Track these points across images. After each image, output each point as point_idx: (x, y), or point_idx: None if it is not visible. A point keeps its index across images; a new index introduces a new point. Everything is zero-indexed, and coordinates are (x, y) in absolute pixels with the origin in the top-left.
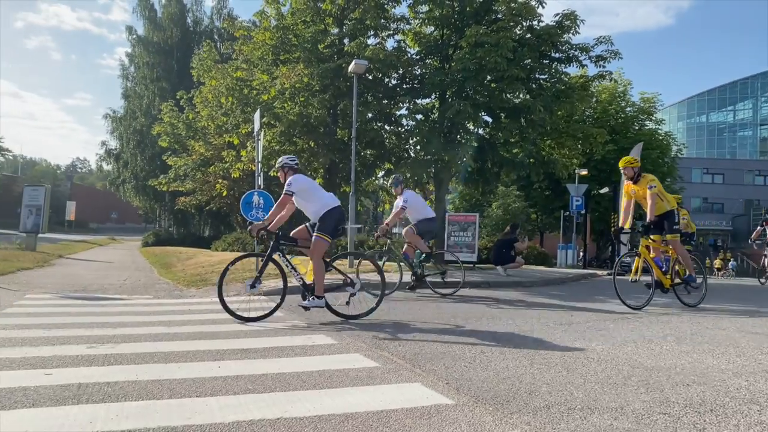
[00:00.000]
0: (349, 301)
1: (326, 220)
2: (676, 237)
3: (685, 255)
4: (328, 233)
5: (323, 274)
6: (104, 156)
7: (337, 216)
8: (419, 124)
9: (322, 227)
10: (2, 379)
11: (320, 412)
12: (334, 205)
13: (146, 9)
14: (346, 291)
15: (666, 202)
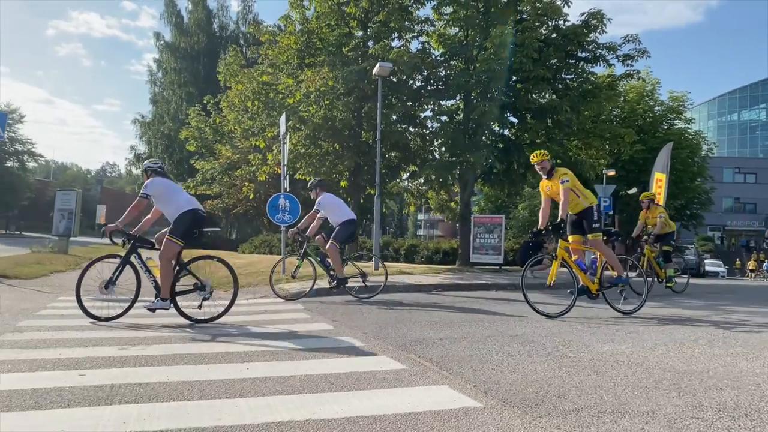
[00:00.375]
0: (201, 304)
1: (178, 224)
2: (597, 236)
3: (610, 256)
4: (178, 236)
5: (170, 277)
6: (133, 160)
7: (189, 219)
8: (444, 125)
9: (173, 230)
10: (38, 379)
11: (348, 413)
12: (187, 209)
13: (173, 15)
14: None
15: (583, 198)
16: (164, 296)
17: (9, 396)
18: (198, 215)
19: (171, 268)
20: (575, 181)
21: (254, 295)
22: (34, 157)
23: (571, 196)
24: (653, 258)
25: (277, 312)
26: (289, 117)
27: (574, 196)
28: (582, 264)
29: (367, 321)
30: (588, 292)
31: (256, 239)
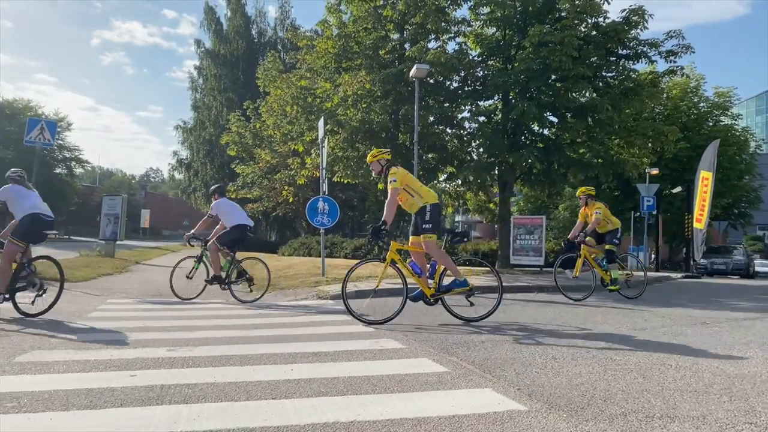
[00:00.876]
0: (34, 300)
1: (20, 226)
2: (430, 238)
3: (443, 259)
4: (18, 237)
5: (8, 275)
6: (176, 165)
7: (28, 222)
8: (482, 126)
9: (13, 232)
10: (92, 379)
11: (392, 416)
12: (27, 213)
13: (213, 22)
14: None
15: (418, 197)
16: (1, 290)
17: (66, 395)
18: (37, 218)
19: (9, 266)
20: (407, 178)
21: (295, 296)
22: (81, 164)
23: (404, 196)
24: (592, 259)
25: (318, 314)
26: (327, 121)
27: (408, 195)
28: (416, 267)
29: (407, 323)
30: (424, 297)
31: (295, 241)
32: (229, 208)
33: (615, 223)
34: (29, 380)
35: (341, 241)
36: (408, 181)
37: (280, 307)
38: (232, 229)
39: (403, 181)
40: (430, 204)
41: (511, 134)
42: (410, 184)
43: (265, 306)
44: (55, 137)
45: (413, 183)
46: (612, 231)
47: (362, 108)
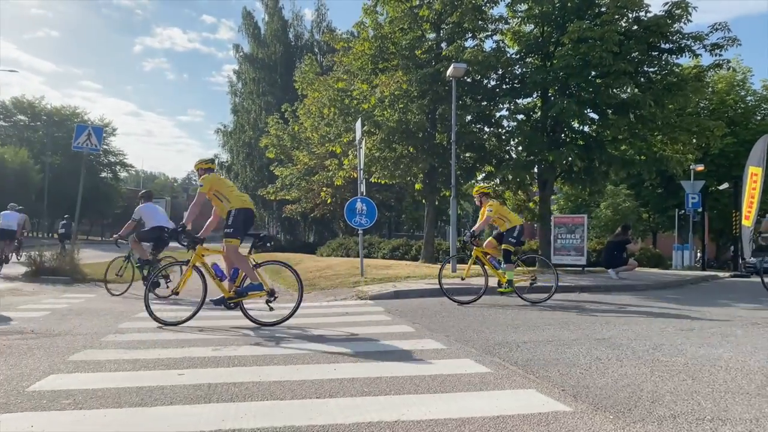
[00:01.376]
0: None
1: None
2: (230, 242)
3: (242, 263)
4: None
5: None
6: (217, 168)
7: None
8: (521, 124)
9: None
10: (142, 378)
11: (436, 416)
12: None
13: (251, 27)
14: None
15: (226, 202)
16: None
17: (117, 393)
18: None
19: None
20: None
21: (334, 297)
22: (125, 168)
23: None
24: (486, 259)
25: (358, 314)
26: (364, 122)
27: (217, 201)
28: (218, 269)
29: (447, 324)
30: (224, 301)
31: (334, 242)
32: (150, 212)
33: (513, 221)
34: (83, 378)
35: (379, 242)
36: (218, 186)
37: (321, 307)
38: (150, 230)
39: (212, 187)
40: (235, 209)
41: (550, 132)
42: (220, 189)
43: (305, 306)
44: (101, 142)
45: (224, 189)
46: (509, 230)
47: (399, 108)
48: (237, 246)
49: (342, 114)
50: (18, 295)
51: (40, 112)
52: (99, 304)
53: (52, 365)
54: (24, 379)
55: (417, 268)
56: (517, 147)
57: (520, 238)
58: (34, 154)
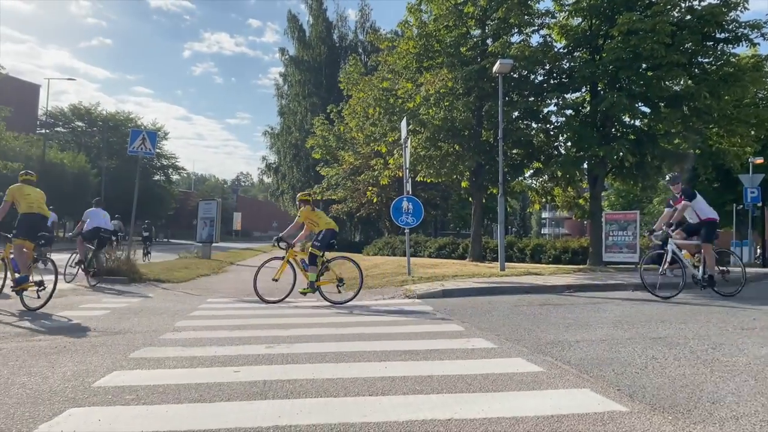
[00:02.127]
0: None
1: None
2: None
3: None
4: None
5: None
6: (264, 170)
7: None
8: (569, 119)
9: None
10: (200, 375)
11: (489, 414)
12: None
13: (296, 30)
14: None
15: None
16: None
17: (177, 389)
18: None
19: None
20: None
21: (382, 296)
22: (177, 170)
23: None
24: (298, 261)
25: (406, 313)
26: (410, 121)
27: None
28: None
29: (497, 323)
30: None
31: (379, 241)
32: (92, 215)
33: (322, 225)
34: (144, 375)
35: (425, 240)
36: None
37: (369, 306)
38: (91, 230)
39: (307, 216)
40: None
41: (600, 127)
42: (311, 218)
43: (353, 305)
44: (155, 146)
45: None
46: (318, 234)
47: (444, 106)
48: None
49: (387, 113)
50: (79, 294)
51: (96, 118)
52: (155, 303)
53: (114, 362)
54: (89, 375)
55: (464, 267)
56: (566, 143)
57: (329, 242)
58: (91, 159)
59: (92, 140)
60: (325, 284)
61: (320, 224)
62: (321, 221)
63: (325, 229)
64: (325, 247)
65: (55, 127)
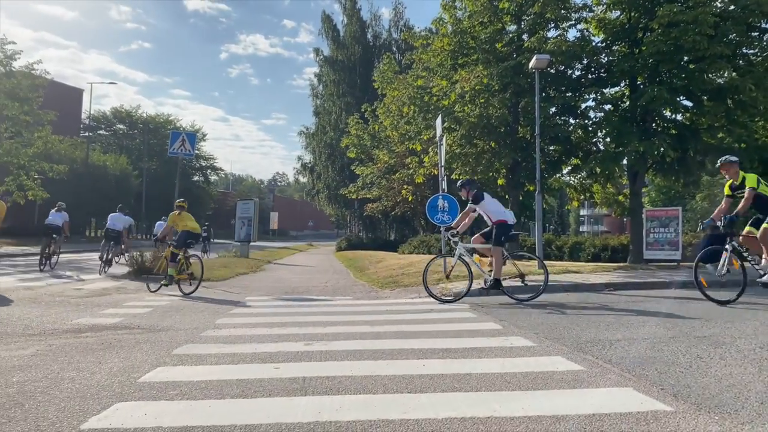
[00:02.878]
0: None
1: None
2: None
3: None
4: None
5: None
6: (300, 169)
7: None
8: (608, 114)
9: None
10: (241, 371)
11: (529, 413)
12: None
13: (330, 30)
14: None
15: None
16: None
17: (220, 385)
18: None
19: None
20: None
21: (418, 294)
22: (215, 171)
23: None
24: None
25: (443, 311)
26: (445, 118)
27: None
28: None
29: (535, 321)
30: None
31: (415, 240)
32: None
33: (183, 227)
34: (187, 371)
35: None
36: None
37: (405, 303)
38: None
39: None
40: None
41: (640, 122)
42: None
43: (390, 303)
44: (194, 148)
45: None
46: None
47: (480, 103)
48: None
49: (422, 111)
50: (123, 292)
51: (136, 120)
52: (196, 302)
53: (158, 358)
54: (134, 371)
55: None
56: (605, 138)
57: (185, 241)
58: (132, 161)
59: (133, 142)
60: (182, 278)
61: (180, 226)
62: (187, 224)
63: (182, 230)
64: (182, 245)
65: (98, 130)
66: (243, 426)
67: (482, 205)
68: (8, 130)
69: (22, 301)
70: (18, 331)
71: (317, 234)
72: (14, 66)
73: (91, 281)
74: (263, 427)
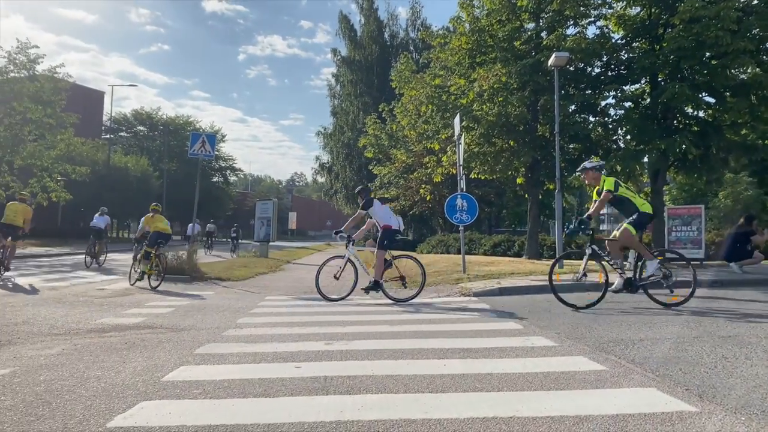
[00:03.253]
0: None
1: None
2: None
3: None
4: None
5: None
6: (318, 169)
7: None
8: (628, 112)
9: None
10: (263, 370)
11: (552, 413)
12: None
13: (347, 30)
14: None
15: None
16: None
17: (242, 384)
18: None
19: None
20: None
21: (438, 293)
22: (234, 172)
23: None
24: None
25: (463, 310)
26: (463, 117)
27: None
28: None
29: (557, 321)
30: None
31: (433, 239)
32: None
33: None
34: (210, 370)
35: (480, 238)
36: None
37: (424, 303)
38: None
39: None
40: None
41: (661, 119)
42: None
43: (409, 302)
44: (214, 149)
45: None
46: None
47: (498, 102)
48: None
49: (440, 110)
50: (145, 292)
51: (157, 122)
52: (217, 301)
53: (180, 358)
54: (158, 370)
55: (521, 265)
56: (625, 136)
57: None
58: (153, 162)
59: (153, 144)
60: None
61: (152, 228)
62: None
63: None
64: (153, 244)
65: (119, 132)
66: (266, 425)
67: (371, 211)
68: (32, 133)
69: (47, 301)
70: (44, 331)
71: None
72: (37, 70)
73: (114, 281)
74: (286, 426)
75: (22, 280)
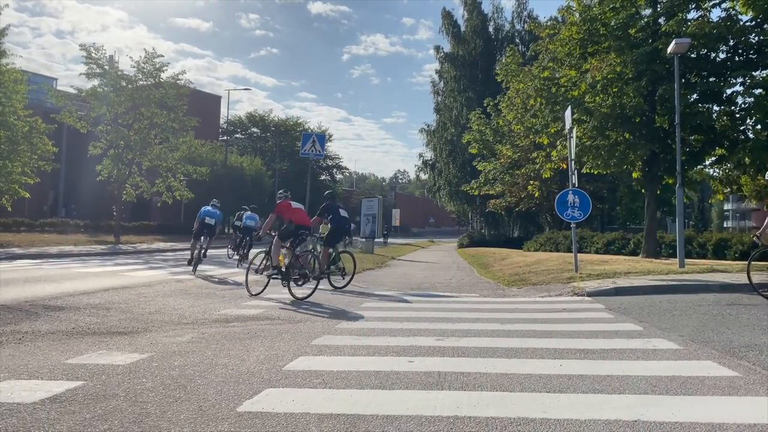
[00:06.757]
0: None
1: None
2: None
3: None
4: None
5: None
6: (421, 167)
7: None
8: (759, 99)
9: None
10: (377, 363)
11: (680, 419)
12: None
13: (450, 25)
14: None
15: None
16: None
17: (359, 376)
18: None
19: None
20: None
21: (548, 292)
22: (340, 170)
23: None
24: None
25: (576, 310)
26: (574, 110)
27: None
28: None
29: (680, 323)
30: None
31: (541, 236)
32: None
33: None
34: (327, 361)
35: (591, 235)
36: None
37: (535, 302)
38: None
39: None
40: None
41: None
42: None
43: (519, 301)
44: (324, 148)
45: None
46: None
47: (613, 93)
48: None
49: (549, 103)
50: (260, 285)
51: (269, 124)
52: (329, 294)
53: (299, 348)
54: (279, 359)
55: (637, 264)
56: (755, 126)
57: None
58: (265, 162)
59: (266, 144)
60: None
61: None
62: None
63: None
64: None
65: (234, 134)
66: (384, 416)
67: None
68: (158, 137)
69: (175, 293)
70: (174, 320)
71: (438, 231)
72: (162, 77)
73: (234, 275)
74: (403, 419)
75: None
